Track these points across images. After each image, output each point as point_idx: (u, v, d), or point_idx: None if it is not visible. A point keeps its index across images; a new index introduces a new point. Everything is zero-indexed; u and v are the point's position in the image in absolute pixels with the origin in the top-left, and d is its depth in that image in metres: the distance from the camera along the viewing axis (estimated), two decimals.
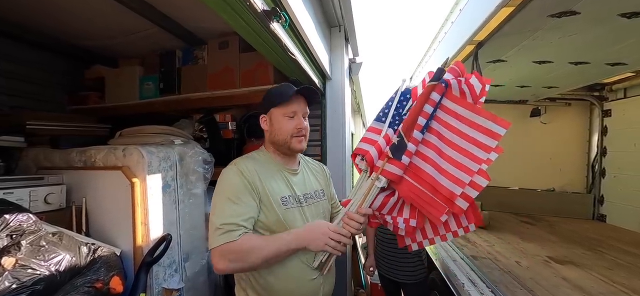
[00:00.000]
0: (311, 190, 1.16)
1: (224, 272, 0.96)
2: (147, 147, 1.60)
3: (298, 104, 1.11)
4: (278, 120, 1.10)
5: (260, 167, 1.07)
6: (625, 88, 3.35)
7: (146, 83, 2.41)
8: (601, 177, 3.56)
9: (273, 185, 1.05)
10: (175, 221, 1.78)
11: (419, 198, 0.89)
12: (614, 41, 1.87)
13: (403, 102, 0.99)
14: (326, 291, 1.14)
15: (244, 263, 0.94)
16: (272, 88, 1.19)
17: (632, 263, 1.99)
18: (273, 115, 1.11)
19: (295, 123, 1.09)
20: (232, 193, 0.99)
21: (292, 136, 1.09)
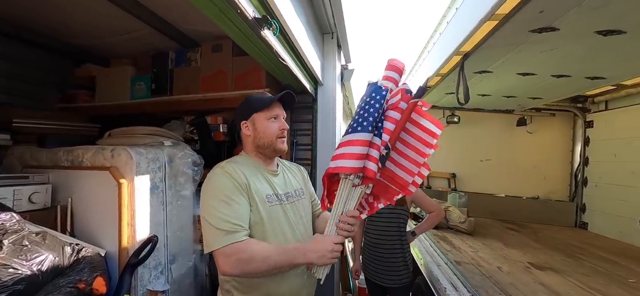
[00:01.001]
0: (291, 189, 1.21)
1: (230, 274, 0.96)
2: (136, 147, 1.60)
3: (279, 108, 1.19)
4: (262, 124, 1.15)
5: (245, 168, 1.09)
6: (607, 100, 3.48)
7: (138, 84, 2.41)
8: (583, 185, 3.68)
9: (258, 185, 1.08)
10: (163, 222, 1.78)
11: (385, 189, 1.05)
12: (593, 56, 1.96)
13: (375, 104, 1.01)
14: (309, 290, 1.18)
15: (252, 266, 0.93)
16: (250, 96, 1.24)
17: (610, 271, 2.06)
18: (256, 120, 1.16)
19: (278, 125, 1.16)
20: (224, 194, 1.00)
21: (277, 137, 1.15)
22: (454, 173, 4.14)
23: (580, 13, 1.42)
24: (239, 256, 0.93)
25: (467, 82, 2.10)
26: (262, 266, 0.93)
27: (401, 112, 0.99)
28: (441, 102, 3.80)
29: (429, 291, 1.86)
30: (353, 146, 0.97)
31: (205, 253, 1.06)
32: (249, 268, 0.93)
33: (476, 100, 3.39)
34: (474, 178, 4.11)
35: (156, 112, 2.39)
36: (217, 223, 0.96)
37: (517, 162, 4.02)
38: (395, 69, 1.06)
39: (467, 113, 3.90)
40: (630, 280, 1.90)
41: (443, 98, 3.42)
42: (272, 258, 0.95)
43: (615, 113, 3.35)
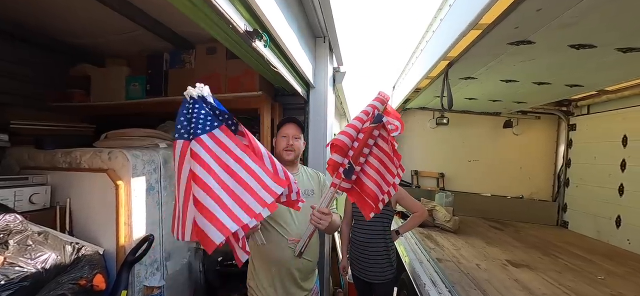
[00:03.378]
0: (303, 188, 1.55)
1: None
2: (133, 150, 1.67)
3: (289, 128, 1.61)
4: (278, 140, 1.62)
5: None
6: (589, 105, 3.62)
7: (133, 84, 2.45)
8: (565, 186, 3.84)
9: None
10: (158, 221, 1.85)
11: (362, 200, 1.23)
12: (569, 66, 2.07)
13: None
14: (301, 265, 1.51)
15: None
16: (282, 120, 1.70)
17: (582, 268, 2.20)
18: (277, 136, 1.64)
19: (285, 142, 1.58)
20: None
21: (283, 149, 1.58)
22: (443, 173, 4.26)
23: (553, 29, 1.51)
24: None
25: (454, 86, 2.20)
26: None
27: (366, 134, 1.18)
28: (430, 105, 3.90)
29: (411, 286, 1.97)
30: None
31: None
32: None
33: (464, 103, 3.50)
34: (462, 178, 4.24)
35: (151, 112, 2.44)
36: None
37: (503, 162, 4.16)
38: (379, 100, 1.27)
39: (455, 115, 4.01)
40: (599, 276, 2.03)
41: (432, 100, 3.53)
42: None
43: (596, 117, 3.49)
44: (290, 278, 1.52)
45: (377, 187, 1.19)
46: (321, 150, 2.63)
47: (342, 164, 1.20)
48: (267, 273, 1.51)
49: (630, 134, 3.00)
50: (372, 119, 1.19)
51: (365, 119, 1.21)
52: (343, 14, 2.47)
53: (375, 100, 1.27)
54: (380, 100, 1.27)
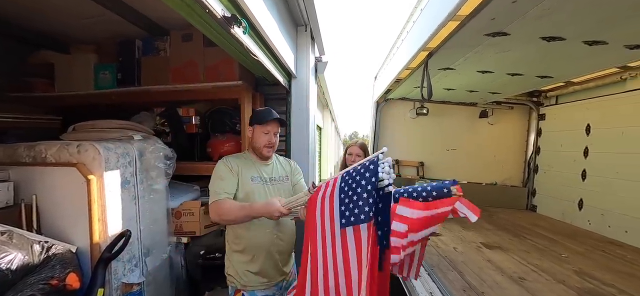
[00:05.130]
0: (276, 176, 1.64)
1: (214, 221, 1.51)
2: (104, 143, 1.58)
3: (272, 126, 1.58)
4: (258, 134, 1.58)
5: (241, 161, 1.58)
6: (557, 96, 3.83)
7: (102, 73, 2.31)
8: (534, 172, 4.08)
9: (246, 170, 1.56)
10: (135, 216, 1.79)
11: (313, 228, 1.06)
12: (541, 58, 2.17)
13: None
14: (281, 248, 1.58)
15: (223, 217, 1.41)
16: (258, 110, 1.66)
17: (547, 247, 2.37)
18: (255, 129, 1.59)
19: (267, 139, 1.57)
20: (219, 175, 1.49)
21: (264, 146, 1.57)
22: (422, 162, 4.39)
23: (526, 21, 1.57)
24: (217, 208, 1.41)
25: (433, 77, 2.24)
26: (229, 216, 1.40)
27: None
28: (411, 95, 3.97)
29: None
30: (321, 203, 1.03)
31: None
32: (222, 217, 1.41)
33: (442, 94, 3.60)
34: (440, 166, 4.39)
35: (123, 103, 2.31)
36: (212, 188, 1.47)
37: (479, 151, 4.34)
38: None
39: (435, 105, 4.11)
40: (563, 255, 2.20)
41: (412, 91, 3.59)
42: (235, 208, 1.40)
43: (563, 108, 3.71)
44: (271, 262, 1.56)
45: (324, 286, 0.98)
46: (304, 141, 2.62)
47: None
48: (247, 260, 1.53)
49: (592, 123, 3.21)
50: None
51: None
52: (325, 2, 2.44)
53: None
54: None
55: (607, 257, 2.21)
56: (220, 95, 2.27)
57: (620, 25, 1.62)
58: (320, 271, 0.96)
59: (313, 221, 1.00)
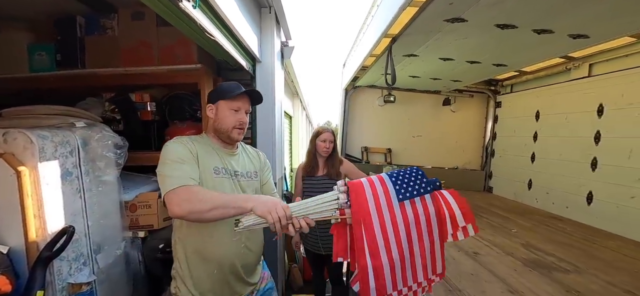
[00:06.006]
0: (244, 170, 1.33)
1: (178, 215, 1.03)
2: (38, 130, 1.41)
3: (242, 102, 1.27)
4: (223, 112, 1.25)
5: (199, 145, 1.23)
6: (512, 84, 4.10)
7: (38, 54, 2.05)
8: (491, 156, 4.37)
9: (206, 159, 1.22)
10: (81, 211, 1.63)
11: (343, 244, 1.05)
12: (495, 46, 2.29)
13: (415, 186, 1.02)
14: (248, 260, 1.33)
15: (196, 205, 1.01)
16: (222, 83, 1.35)
17: (500, 224, 2.55)
18: (220, 107, 1.26)
19: (238, 117, 1.26)
20: (178, 157, 1.13)
21: (234, 127, 1.25)
22: (390, 148, 4.51)
23: (481, 8, 1.63)
24: (186, 196, 1.03)
25: (398, 64, 2.28)
26: (205, 205, 1.01)
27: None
28: (378, 82, 4.04)
29: None
30: (380, 184, 1.02)
31: (162, 199, 1.09)
32: (195, 206, 1.01)
33: (408, 82, 3.69)
34: (407, 152, 4.55)
35: (65, 88, 2.08)
36: (169, 172, 1.07)
37: (442, 137, 4.55)
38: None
39: (401, 93, 4.22)
40: (513, 230, 2.39)
41: (379, 79, 3.64)
42: (216, 196, 1.05)
43: (517, 96, 3.98)
44: (234, 276, 1.30)
45: (391, 271, 0.97)
46: (270, 129, 2.55)
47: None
48: (204, 275, 1.24)
49: (541, 110, 3.48)
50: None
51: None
52: None
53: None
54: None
55: (550, 230, 2.44)
56: (178, 80, 2.12)
57: (564, 15, 1.74)
58: (383, 250, 0.96)
59: (364, 205, 0.98)
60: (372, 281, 0.96)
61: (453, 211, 1.01)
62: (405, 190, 1.00)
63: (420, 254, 0.99)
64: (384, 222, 0.97)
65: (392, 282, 0.97)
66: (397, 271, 0.97)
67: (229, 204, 1.03)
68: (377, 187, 1.00)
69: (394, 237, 0.97)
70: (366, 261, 0.96)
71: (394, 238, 0.97)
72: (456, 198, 1.04)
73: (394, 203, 0.98)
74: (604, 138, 2.60)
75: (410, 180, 1.02)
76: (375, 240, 0.96)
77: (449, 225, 1.01)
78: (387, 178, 1.03)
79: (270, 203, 1.00)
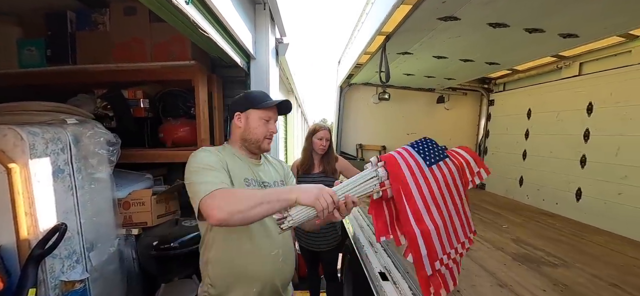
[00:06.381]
0: (271, 180, 1.27)
1: (218, 220, 0.92)
2: (28, 127, 1.39)
3: (274, 111, 1.26)
4: (255, 121, 1.21)
5: (226, 156, 1.18)
6: (505, 83, 4.14)
7: (27, 49, 2.02)
8: (484, 154, 4.41)
9: (236, 169, 1.16)
10: (73, 208, 1.62)
11: (382, 218, 1.07)
12: (488, 44, 2.31)
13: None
14: (285, 276, 1.25)
15: (238, 204, 0.93)
16: (252, 91, 1.34)
17: (491, 220, 2.59)
18: (250, 116, 1.21)
19: (269, 128, 1.23)
20: (208, 164, 1.07)
21: (265, 138, 1.22)
22: (384, 146, 4.53)
23: (474, 6, 1.65)
24: (225, 197, 0.94)
25: (393, 62, 2.29)
26: (248, 202, 0.93)
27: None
28: (373, 80, 4.05)
29: (353, 250, 2.10)
30: (408, 155, 1.04)
31: (197, 213, 1.02)
32: (236, 205, 0.92)
33: (403, 79, 3.71)
34: None
35: (56, 84, 2.06)
36: (202, 179, 1.00)
37: (436, 134, 4.46)
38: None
39: (396, 91, 4.24)
40: (504, 226, 2.43)
41: (374, 76, 3.65)
42: (256, 192, 1.02)
43: (509, 94, 4.02)
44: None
45: (437, 235, 0.99)
46: None
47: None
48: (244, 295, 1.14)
49: (533, 108, 3.53)
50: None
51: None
52: None
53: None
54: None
55: (540, 226, 2.48)
56: (172, 76, 2.12)
57: (555, 15, 1.76)
58: (426, 215, 0.98)
59: (401, 174, 0.99)
60: (423, 249, 0.97)
61: (467, 160, 1.13)
62: (430, 156, 1.05)
63: (456, 214, 1.05)
64: (420, 188, 0.99)
65: (440, 246, 1.00)
66: (443, 234, 1.00)
67: (271, 198, 0.95)
68: (406, 157, 1.03)
69: (432, 201, 1.00)
70: (413, 228, 0.96)
71: (432, 202, 1.00)
72: (465, 150, 1.16)
73: (425, 169, 1.02)
74: (593, 136, 2.65)
75: (428, 147, 1.08)
76: (416, 206, 0.97)
77: (467, 172, 1.13)
78: (411, 149, 1.07)
79: (315, 190, 0.94)
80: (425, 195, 0.99)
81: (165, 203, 2.19)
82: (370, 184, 1.00)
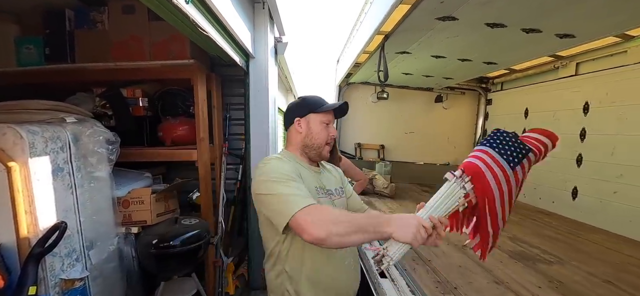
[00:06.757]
0: (333, 187, 1.23)
1: (317, 238, 0.86)
2: (27, 125, 1.40)
3: (332, 115, 1.20)
4: (316, 126, 1.16)
5: (293, 165, 1.12)
6: (502, 82, 4.16)
7: (26, 47, 2.01)
8: None
9: (306, 178, 1.10)
10: (73, 207, 1.63)
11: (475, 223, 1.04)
12: (486, 44, 2.33)
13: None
14: (356, 288, 1.21)
15: (336, 227, 0.86)
16: (308, 96, 1.24)
17: None
18: (311, 120, 1.16)
19: (329, 132, 1.18)
20: (289, 174, 1.00)
21: (326, 143, 1.17)
22: (383, 145, 4.55)
23: (472, 6, 1.66)
24: (324, 216, 0.88)
25: (391, 61, 2.30)
26: (349, 227, 0.86)
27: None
28: (371, 79, 4.06)
29: None
30: (492, 160, 0.97)
31: (283, 226, 0.92)
32: (336, 228, 0.86)
33: (401, 79, 3.73)
34: (399, 149, 4.59)
35: (54, 83, 2.06)
36: (290, 191, 0.94)
37: (434, 134, 4.61)
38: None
39: (394, 90, 4.25)
40: None
41: (372, 75, 3.66)
42: (352, 217, 0.91)
43: (507, 93, 4.05)
44: None
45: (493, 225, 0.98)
46: (263, 124, 2.56)
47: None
48: None
49: (530, 107, 3.55)
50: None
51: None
52: None
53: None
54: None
55: (537, 224, 2.51)
56: (171, 75, 2.12)
57: (552, 15, 1.78)
58: (500, 215, 0.97)
59: (487, 185, 0.95)
60: (490, 243, 1.00)
61: (546, 145, 1.08)
62: (513, 155, 1.00)
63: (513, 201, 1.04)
64: (503, 194, 0.96)
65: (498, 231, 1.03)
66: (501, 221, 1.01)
67: (368, 227, 0.87)
68: (490, 164, 0.98)
69: (508, 202, 0.98)
70: (487, 232, 0.97)
71: (508, 202, 0.98)
72: (543, 133, 1.11)
73: (509, 173, 0.97)
74: (589, 135, 2.68)
75: (509, 144, 1.02)
76: (495, 211, 0.96)
77: (542, 157, 1.08)
78: (492, 151, 1.00)
79: (411, 223, 0.86)
80: (504, 199, 0.97)
81: (165, 202, 2.20)
82: (455, 199, 0.94)
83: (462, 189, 0.94)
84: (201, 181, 2.21)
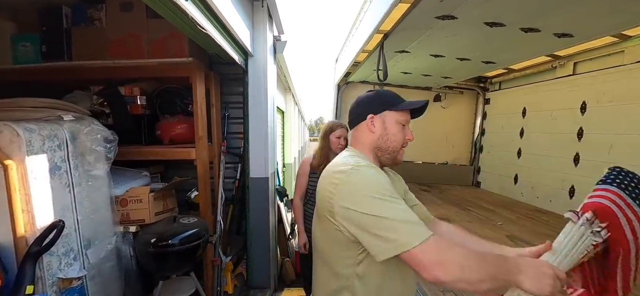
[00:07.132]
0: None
1: (443, 280, 0.71)
2: (24, 123, 1.38)
3: (409, 115, 1.02)
4: (393, 126, 0.97)
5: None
6: (500, 82, 4.19)
7: (22, 45, 1.99)
8: (480, 152, 4.46)
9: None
10: (70, 205, 1.61)
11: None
12: (484, 44, 2.33)
13: None
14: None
15: (468, 274, 0.71)
16: (381, 90, 1.07)
17: (487, 217, 2.63)
18: (388, 118, 0.97)
19: (406, 134, 0.99)
20: (393, 194, 0.81)
21: (402, 146, 0.99)
22: None
23: (471, 5, 1.67)
24: (453, 257, 0.72)
25: (390, 60, 2.30)
26: (478, 275, 0.71)
27: None
28: (371, 78, 4.06)
29: None
30: (624, 204, 0.82)
31: (387, 256, 0.75)
32: (465, 275, 0.71)
33: (400, 78, 3.73)
34: None
35: (51, 81, 2.03)
36: (401, 216, 0.76)
37: (432, 133, 4.63)
38: None
39: (393, 89, 4.23)
40: (498, 222, 2.47)
41: (371, 74, 3.66)
42: (487, 263, 0.73)
43: (505, 93, 4.07)
44: None
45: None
46: (262, 123, 2.55)
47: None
48: None
49: (528, 106, 3.58)
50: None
51: None
52: None
53: None
54: None
55: (534, 223, 2.53)
56: (169, 73, 2.10)
57: (550, 14, 1.79)
58: (632, 275, 0.84)
59: (621, 232, 0.83)
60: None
61: None
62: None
63: None
64: (638, 244, 0.83)
65: None
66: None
67: (498, 275, 0.73)
68: (623, 207, 0.83)
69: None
70: (617, 291, 0.83)
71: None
72: None
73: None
74: (586, 134, 2.70)
75: (636, 183, 0.86)
76: (629, 266, 0.83)
77: None
78: (621, 193, 0.85)
79: (545, 273, 0.74)
80: (638, 252, 0.83)
81: (163, 201, 2.19)
82: (584, 248, 0.80)
83: (592, 235, 0.79)
84: (200, 180, 2.20)
